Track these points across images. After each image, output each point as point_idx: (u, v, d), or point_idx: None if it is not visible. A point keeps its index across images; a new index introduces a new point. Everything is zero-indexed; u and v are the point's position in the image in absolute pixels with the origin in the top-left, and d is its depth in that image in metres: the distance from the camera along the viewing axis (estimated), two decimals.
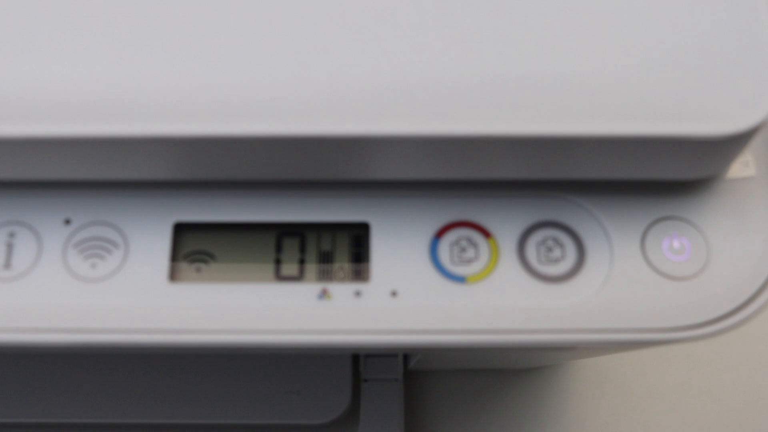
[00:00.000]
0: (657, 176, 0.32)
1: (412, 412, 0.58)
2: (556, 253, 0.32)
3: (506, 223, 0.33)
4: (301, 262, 0.32)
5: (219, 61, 0.30)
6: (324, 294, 0.32)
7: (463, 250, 0.32)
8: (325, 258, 0.32)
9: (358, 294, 0.32)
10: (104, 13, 0.30)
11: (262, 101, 0.29)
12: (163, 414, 0.52)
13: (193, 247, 0.33)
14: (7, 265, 0.32)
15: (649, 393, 0.59)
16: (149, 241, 0.32)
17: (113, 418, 0.52)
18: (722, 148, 0.30)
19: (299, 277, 0.32)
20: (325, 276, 0.32)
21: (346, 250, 0.32)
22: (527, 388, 0.59)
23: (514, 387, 0.59)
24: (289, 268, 0.32)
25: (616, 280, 0.32)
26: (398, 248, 0.32)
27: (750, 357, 0.60)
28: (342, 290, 0.32)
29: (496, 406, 0.59)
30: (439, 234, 0.32)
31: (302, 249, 0.32)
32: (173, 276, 0.32)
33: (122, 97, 0.29)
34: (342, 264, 0.32)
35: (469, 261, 0.32)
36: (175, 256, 0.32)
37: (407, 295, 0.32)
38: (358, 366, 0.54)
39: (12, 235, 0.32)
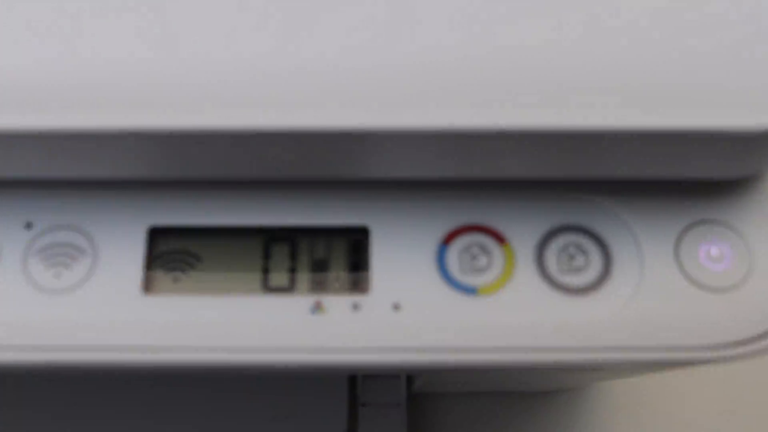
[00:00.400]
0: (692, 175, 0.31)
1: None
2: (579, 261, 0.32)
3: (523, 228, 0.32)
4: (292, 271, 0.32)
5: (200, 47, 0.29)
6: (317, 307, 0.31)
7: (474, 257, 0.32)
8: (319, 267, 0.32)
9: (355, 307, 0.31)
10: None
11: (247, 91, 0.28)
12: None
13: (170, 255, 0.32)
14: None
15: (689, 420, 0.58)
16: (121, 247, 0.32)
17: None
18: (765, 144, 0.29)
19: (289, 289, 0.31)
20: (318, 287, 0.31)
21: (343, 257, 0.32)
22: (546, 413, 0.58)
23: (531, 412, 0.59)
24: (279, 278, 0.32)
25: (646, 292, 0.31)
26: (401, 256, 0.32)
27: None
28: (338, 303, 0.31)
29: None
30: (447, 240, 0.32)
31: (293, 257, 0.32)
32: (148, 287, 0.31)
33: (91, 87, 0.28)
34: (338, 273, 0.32)
35: (481, 270, 0.31)
36: (150, 264, 0.32)
37: (411, 308, 0.31)
38: (356, 388, 0.53)
39: None
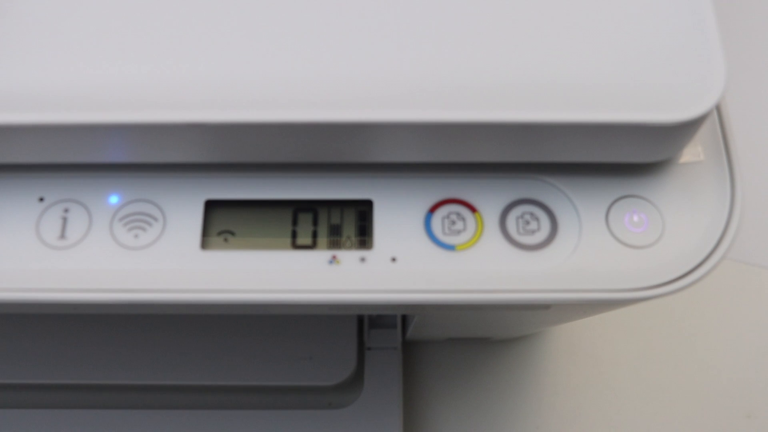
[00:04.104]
0: (619, 159, 0.33)
1: (410, 377, 0.60)
2: (533, 225, 0.33)
3: (490, 200, 0.33)
4: (314, 233, 0.33)
5: (248, 58, 0.31)
6: (333, 260, 0.33)
7: (453, 223, 0.33)
8: (335, 230, 0.33)
9: (362, 260, 0.33)
10: (147, 10, 0.31)
11: (282, 93, 0.30)
12: (178, 375, 0.54)
13: (222, 221, 0.33)
14: (62, 236, 0.33)
15: (615, 360, 0.61)
16: (184, 215, 0.33)
17: (125, 379, 0.53)
18: (674, 134, 0.31)
19: (312, 246, 0.33)
20: (334, 245, 0.33)
21: (353, 223, 0.33)
22: (508, 356, 0.61)
23: (497, 355, 0.61)
24: (304, 238, 0.33)
25: (584, 249, 0.33)
26: (397, 221, 0.33)
27: (701, 329, 0.63)
28: (349, 257, 0.33)
29: (481, 372, 0.61)
30: (433, 209, 0.33)
31: (315, 222, 0.33)
32: (204, 245, 0.33)
33: (163, 91, 0.30)
34: (349, 234, 0.33)
35: (458, 232, 0.33)
36: (206, 228, 0.33)
37: (405, 260, 0.33)
38: (363, 336, 0.57)
39: (66, 210, 0.34)
